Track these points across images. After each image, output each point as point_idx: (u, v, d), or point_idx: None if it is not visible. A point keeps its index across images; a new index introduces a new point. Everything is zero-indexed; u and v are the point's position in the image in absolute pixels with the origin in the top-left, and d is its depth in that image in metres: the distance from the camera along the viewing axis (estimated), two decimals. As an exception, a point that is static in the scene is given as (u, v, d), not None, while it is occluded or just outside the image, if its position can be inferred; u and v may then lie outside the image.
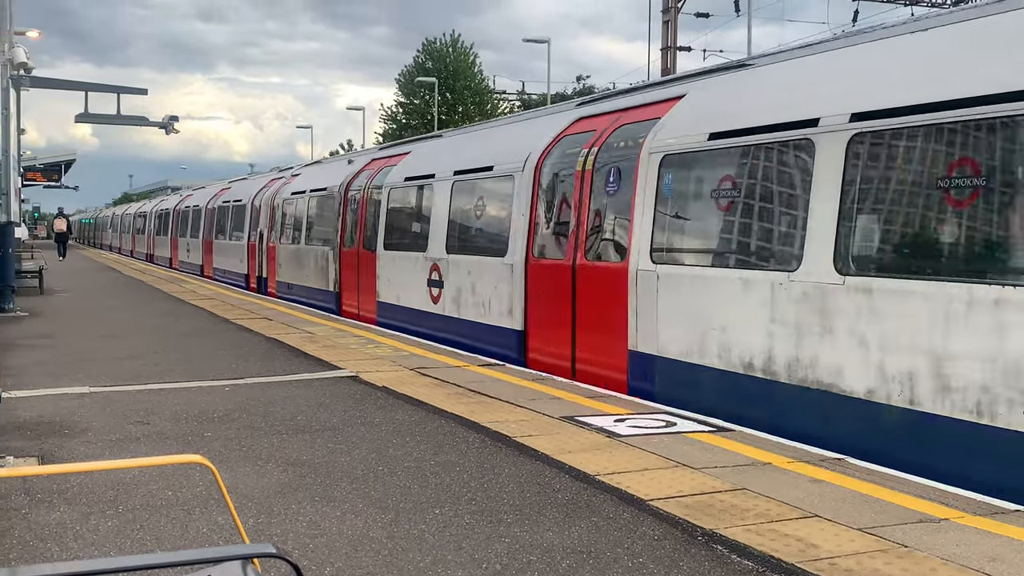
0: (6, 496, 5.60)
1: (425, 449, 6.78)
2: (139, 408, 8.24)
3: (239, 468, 6.24)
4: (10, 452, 6.58)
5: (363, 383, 9.50)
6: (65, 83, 26.28)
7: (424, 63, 63.97)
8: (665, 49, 37.14)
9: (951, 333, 6.09)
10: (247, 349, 12.15)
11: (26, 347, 12.37)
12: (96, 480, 5.84)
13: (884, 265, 6.78)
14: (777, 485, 5.75)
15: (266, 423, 7.67)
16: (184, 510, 5.32)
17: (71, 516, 5.23)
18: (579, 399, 8.64)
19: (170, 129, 29.38)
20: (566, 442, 6.89)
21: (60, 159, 52.85)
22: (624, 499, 5.50)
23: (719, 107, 8.87)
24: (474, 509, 5.38)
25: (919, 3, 38.68)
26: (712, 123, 8.57)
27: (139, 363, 10.94)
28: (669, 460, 6.36)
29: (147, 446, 6.86)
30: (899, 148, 6.70)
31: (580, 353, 10.20)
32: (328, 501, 5.53)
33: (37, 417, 7.84)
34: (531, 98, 61.60)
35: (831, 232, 7.00)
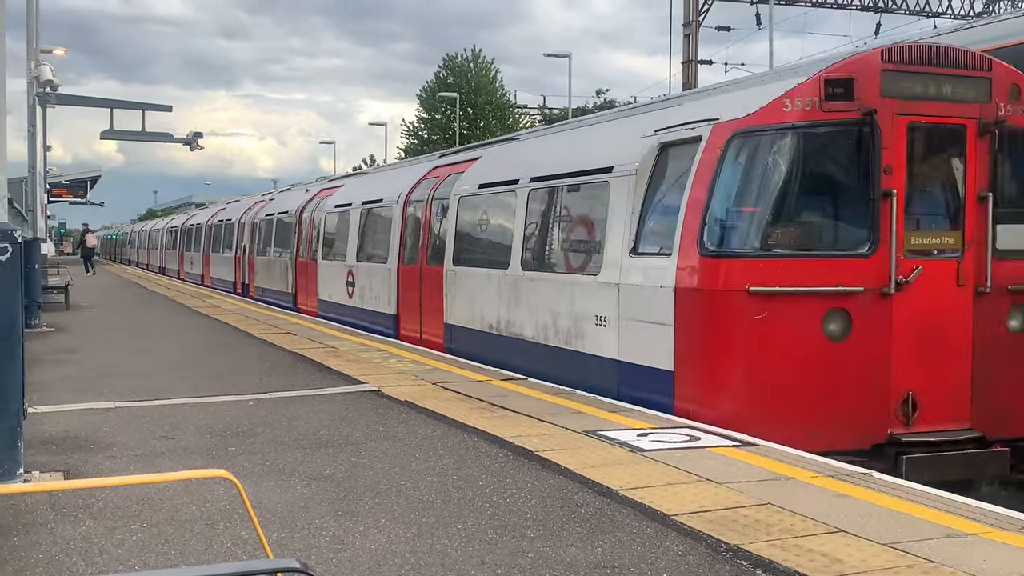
0: (32, 511, 5.64)
1: (448, 463, 6.78)
2: (164, 423, 8.29)
3: (263, 482, 6.26)
4: (36, 467, 6.62)
5: (386, 397, 9.51)
6: (91, 100, 26.57)
7: (446, 78, 64.21)
8: (686, 63, 37.13)
9: (559, 300, 10.57)
10: (271, 364, 12.20)
11: (52, 362, 12.47)
12: (121, 495, 5.88)
13: (537, 266, 11.45)
14: (801, 500, 5.71)
15: (290, 437, 7.70)
16: (208, 524, 5.34)
17: (96, 530, 5.26)
18: (601, 413, 8.62)
19: (194, 145, 29.62)
20: (589, 456, 6.88)
21: (86, 175, 53.34)
22: (647, 514, 5.48)
23: (487, 168, 13.44)
24: (497, 524, 5.37)
25: (941, 15, 38.56)
26: (481, 178, 13.24)
27: (164, 378, 11.01)
28: (692, 475, 6.34)
29: (171, 461, 6.90)
30: (548, 196, 11.46)
31: (425, 328, 14.42)
32: (351, 515, 5.54)
33: (63, 432, 7.89)
34: (552, 112, 61.70)
35: (520, 248, 11.71)
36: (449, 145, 50.48)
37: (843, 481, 6.18)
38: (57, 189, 49.38)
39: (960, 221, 8.31)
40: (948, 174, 8.48)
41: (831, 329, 7.91)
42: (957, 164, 8.38)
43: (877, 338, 7.99)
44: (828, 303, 7.91)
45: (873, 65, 8.09)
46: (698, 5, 36.86)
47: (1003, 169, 8.46)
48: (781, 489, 5.97)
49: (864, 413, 7.95)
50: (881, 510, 5.50)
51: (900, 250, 8.05)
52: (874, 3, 38.57)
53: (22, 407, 6.35)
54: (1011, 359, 8.29)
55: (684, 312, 8.38)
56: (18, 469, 6.16)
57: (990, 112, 8.31)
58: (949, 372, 8.20)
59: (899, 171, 8.05)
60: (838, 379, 7.91)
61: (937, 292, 8.16)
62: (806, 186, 8.39)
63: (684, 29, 37.30)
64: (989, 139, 8.29)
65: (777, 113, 8.03)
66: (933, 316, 8.16)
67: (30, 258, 17.29)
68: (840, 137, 8.18)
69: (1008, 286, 8.30)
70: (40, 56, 24.54)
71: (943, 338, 8.18)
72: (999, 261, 8.29)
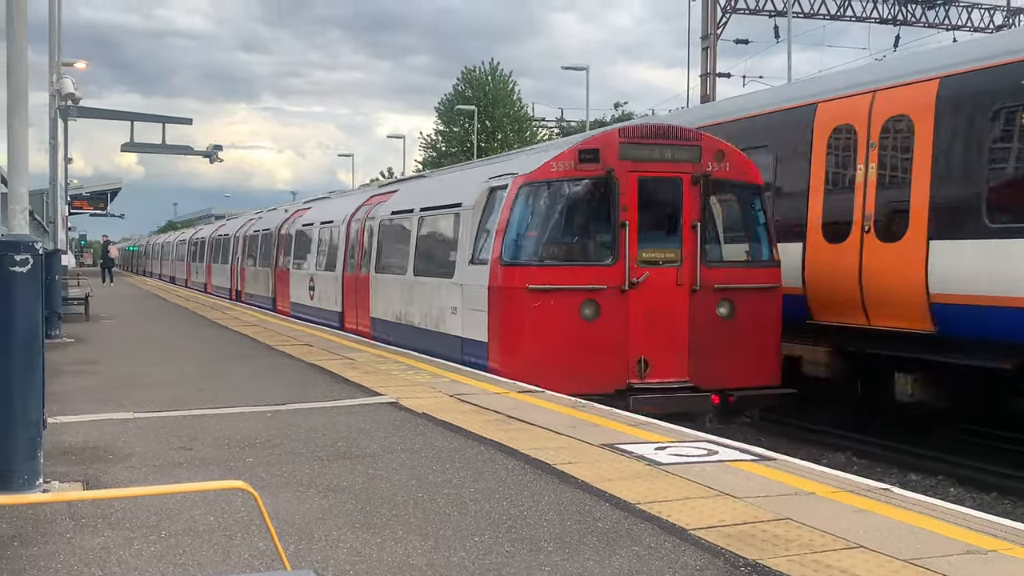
0: (52, 520, 5.66)
1: (465, 476, 6.78)
2: (182, 434, 8.31)
3: (280, 494, 6.27)
4: (56, 477, 6.65)
5: (403, 409, 9.52)
6: (112, 113, 26.77)
7: (464, 91, 64.41)
8: (704, 76, 37.14)
9: (432, 297, 13.91)
10: (289, 375, 12.23)
11: (72, 373, 12.54)
12: (139, 505, 5.90)
13: (422, 272, 14.90)
14: (821, 515, 5.68)
15: (307, 449, 7.71)
16: (226, 535, 5.35)
17: (114, 541, 5.27)
18: (619, 426, 8.60)
19: (214, 158, 29.79)
20: (606, 470, 6.86)
21: (106, 187, 53.74)
22: (665, 528, 5.46)
23: (399, 199, 17.43)
24: (514, 537, 5.36)
25: (960, 28, 38.44)
26: (393, 207, 17.23)
27: (182, 389, 11.05)
28: (711, 489, 6.31)
29: (190, 472, 6.92)
30: (429, 221, 15.08)
31: (359, 320, 18.09)
32: (368, 527, 5.54)
33: (82, 442, 7.93)
34: (570, 125, 61.75)
35: (412, 259, 15.34)
36: (467, 157, 50.53)
37: (863, 496, 6.14)
38: (78, 201, 49.79)
39: (678, 242, 11.85)
40: (671, 210, 12.03)
41: (586, 313, 11.54)
42: (677, 203, 11.91)
43: (618, 320, 11.57)
44: (583, 296, 11.53)
45: (613, 139, 11.87)
46: (716, 18, 36.89)
47: (709, 211, 12.16)
48: (800, 504, 5.94)
49: (611, 369, 11.49)
50: (901, 525, 5.46)
51: (634, 261, 11.58)
52: (893, 16, 38.51)
53: (42, 417, 6.39)
54: (719, 335, 11.83)
55: (493, 302, 11.95)
56: (38, 479, 6.19)
57: (700, 168, 11.89)
58: (671, 343, 11.73)
59: (632, 209, 11.65)
60: (592, 346, 11.43)
61: (661, 289, 11.72)
62: (568, 219, 12.37)
63: (702, 42, 37.33)
64: (700, 186, 11.84)
65: (548, 171, 11.85)
66: (658, 305, 11.69)
67: (51, 269, 17.42)
68: (591, 187, 11.97)
69: (715, 285, 11.86)
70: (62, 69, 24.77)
71: (667, 320, 11.72)
72: (709, 269, 11.87)
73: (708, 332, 11.79)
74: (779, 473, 6.79)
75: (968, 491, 10.65)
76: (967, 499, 10.20)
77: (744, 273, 12.19)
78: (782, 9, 36.40)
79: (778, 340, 12.28)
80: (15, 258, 6.06)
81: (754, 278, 12.16)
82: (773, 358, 12.25)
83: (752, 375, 12.01)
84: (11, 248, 6.09)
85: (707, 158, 11.97)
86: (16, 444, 6.07)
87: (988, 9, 39.15)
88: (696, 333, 11.77)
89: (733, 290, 12.00)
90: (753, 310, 12.05)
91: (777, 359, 12.35)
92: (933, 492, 10.28)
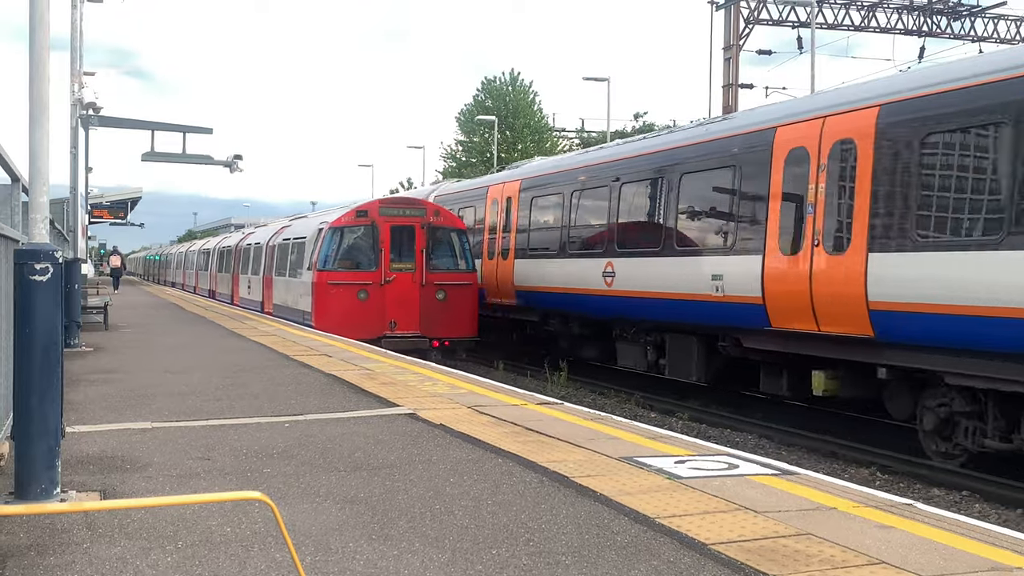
0: (69, 530, 5.69)
1: (482, 488, 6.77)
2: (200, 444, 8.35)
3: (297, 505, 6.28)
4: (73, 486, 6.68)
5: (421, 421, 9.53)
6: (132, 122, 26.89)
7: (484, 101, 64.52)
8: (727, 86, 37.08)
9: (295, 289, 24.15)
10: (307, 385, 12.26)
11: (90, 382, 12.61)
12: (156, 515, 5.92)
13: (298, 275, 23.31)
14: (843, 530, 5.64)
15: (324, 460, 7.72)
16: (243, 546, 5.37)
17: (131, 551, 5.29)
18: (638, 439, 8.58)
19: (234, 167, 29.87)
20: (625, 483, 6.84)
21: (126, 196, 53.88)
22: (685, 543, 5.43)
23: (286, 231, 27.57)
24: (532, 550, 5.35)
25: (986, 40, 38.23)
26: (293, 233, 25.82)
27: (200, 399, 11.09)
28: (731, 503, 6.28)
29: (207, 482, 6.94)
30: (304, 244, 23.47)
31: (265, 307, 28.40)
32: (385, 539, 5.54)
33: (99, 452, 7.97)
34: (590, 136, 61.74)
35: (288, 266, 24.71)
36: (487, 168, 50.58)
37: (886, 512, 6.10)
38: (98, 210, 49.99)
39: (413, 259, 20.92)
40: (409, 242, 21.00)
41: (361, 296, 20.53)
42: (412, 239, 21.06)
43: (379, 300, 20.53)
44: (359, 287, 20.64)
45: (376, 205, 21.56)
46: (738, 29, 36.84)
47: (432, 242, 21.19)
48: (822, 519, 5.91)
49: (375, 327, 20.30)
50: (925, 541, 5.42)
51: (388, 269, 20.68)
52: (918, 28, 38.33)
53: (60, 426, 6.43)
54: (437, 309, 20.78)
55: (313, 291, 21.42)
56: (55, 488, 6.22)
57: (425, 220, 21.19)
58: (409, 313, 20.71)
59: (386, 242, 20.80)
60: (364, 314, 20.36)
61: (404, 284, 20.72)
62: (352, 248, 21.28)
63: (724, 53, 37.28)
64: (425, 230, 21.10)
65: (341, 221, 21.35)
66: (402, 293, 20.65)
67: (70, 278, 17.57)
68: (364, 230, 21.11)
69: (435, 282, 20.86)
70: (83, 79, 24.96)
71: (407, 301, 20.64)
72: (431, 273, 20.90)
73: (431, 307, 20.94)
74: (801, 487, 6.75)
75: (993, 507, 10.55)
76: (992, 515, 10.11)
77: (452, 275, 21.37)
78: (805, 20, 36.31)
79: (474, 312, 21.53)
80: (35, 267, 6.10)
81: (458, 278, 21.41)
82: (471, 322, 21.44)
83: (458, 331, 21.15)
84: (31, 257, 6.13)
85: (429, 215, 21.50)
86: (34, 453, 6.10)
87: (1015, 20, 38.93)
88: (424, 308, 20.89)
89: (446, 285, 21.18)
90: (458, 296, 21.25)
91: (474, 322, 21.47)
92: (958, 508, 10.21)
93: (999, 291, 10.25)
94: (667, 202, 16.52)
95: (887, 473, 12.09)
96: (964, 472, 11.58)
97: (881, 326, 11.92)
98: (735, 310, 14.48)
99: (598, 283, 18.24)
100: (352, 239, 21.53)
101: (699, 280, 15.17)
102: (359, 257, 21.40)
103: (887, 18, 38.08)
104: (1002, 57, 11.89)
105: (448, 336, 20.98)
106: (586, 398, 17.71)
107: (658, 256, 16.52)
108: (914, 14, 38.13)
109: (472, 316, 21.45)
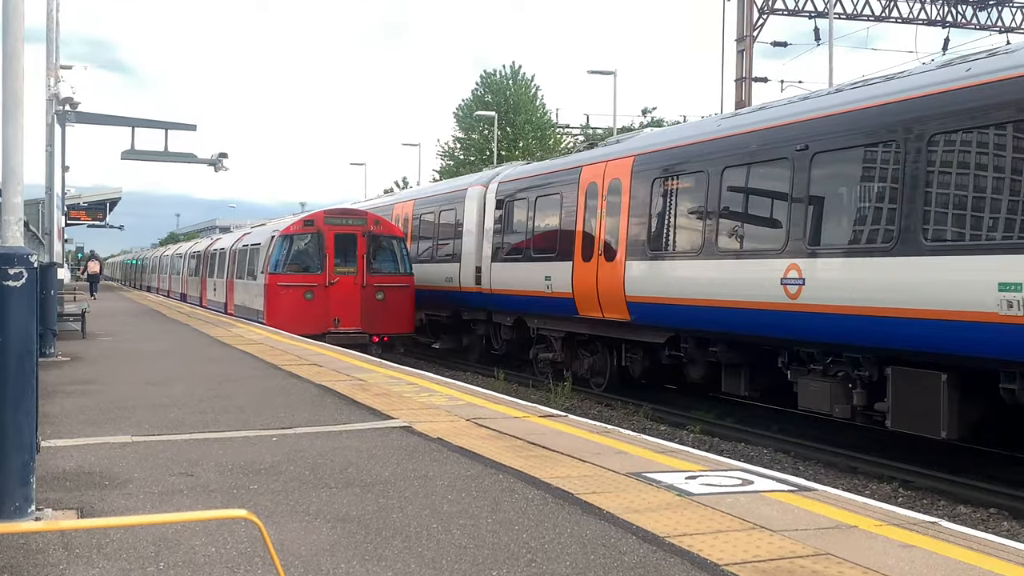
0: (44, 550, 5.68)
1: (482, 506, 6.76)
2: (183, 459, 8.34)
3: (286, 524, 6.27)
4: (49, 504, 6.68)
5: (416, 434, 9.52)
6: (111, 119, 26.89)
7: (483, 96, 64.45)
8: (740, 80, 37.10)
9: (250, 290, 28.43)
10: (296, 397, 12.26)
11: (67, 393, 12.61)
12: (137, 535, 5.91)
13: (254, 277, 27.69)
14: (863, 550, 5.63)
15: (315, 476, 7.72)
16: (228, 568, 5.36)
17: (110, 572, 5.29)
18: (647, 453, 8.57)
19: (219, 166, 29.88)
20: (633, 500, 6.83)
21: (105, 197, 53.80)
22: (696, 563, 5.43)
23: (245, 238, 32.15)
24: (534, 572, 5.34)
25: (1015, 31, 38.24)
26: (250, 240, 30.54)
27: (184, 411, 11.09)
28: (745, 521, 6.27)
29: (191, 499, 6.94)
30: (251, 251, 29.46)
31: (228, 307, 32.77)
32: (379, 560, 5.54)
33: (77, 467, 7.96)
34: (596, 132, 61.79)
35: (245, 270, 29.33)
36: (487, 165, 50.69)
37: (909, 530, 6.09)
38: (75, 212, 49.98)
39: (355, 263, 24.89)
40: (352, 249, 25.04)
41: (307, 296, 24.50)
42: (354, 246, 24.96)
43: (324, 300, 24.47)
44: (306, 288, 24.67)
45: (321, 216, 26.00)
46: (752, 19, 36.86)
47: (372, 248, 25.27)
48: (842, 538, 5.90)
49: (320, 323, 24.17)
50: (951, 562, 5.41)
51: (332, 272, 24.64)
52: (942, 18, 38.36)
53: (35, 440, 6.42)
54: (377, 308, 24.63)
55: (265, 292, 25.62)
56: (30, 506, 6.21)
57: (367, 229, 25.21)
58: (352, 311, 24.56)
59: (330, 249, 24.83)
60: (310, 312, 24.32)
61: (347, 286, 24.62)
62: (300, 253, 25.38)
63: (737, 44, 37.31)
64: (366, 238, 25.07)
65: (290, 230, 25.75)
66: (345, 294, 24.56)
67: (46, 284, 17.55)
68: (311, 238, 25.24)
69: (375, 284, 24.80)
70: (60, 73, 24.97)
71: (350, 301, 24.50)
72: (371, 276, 24.87)
73: (371, 307, 24.71)
74: (819, 504, 6.75)
75: (1023, 525, 10.54)
76: (1022, 533, 10.10)
77: (390, 278, 25.22)
78: (823, 10, 36.35)
79: (411, 311, 25.56)
80: (8, 272, 6.09)
81: (396, 281, 25.28)
82: (408, 319, 25.51)
83: (396, 328, 25.08)
84: (4, 261, 6.12)
85: (370, 224, 25.38)
86: (7, 469, 6.09)
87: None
88: (364, 307, 24.68)
89: (384, 286, 25.00)
90: (396, 296, 25.06)
91: (411, 320, 25.65)
92: (985, 526, 10.19)
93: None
94: (910, 175, 12.13)
95: (910, 489, 12.08)
96: (992, 488, 11.57)
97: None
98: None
99: (773, 293, 14.05)
100: (300, 245, 25.42)
101: (972, 291, 11.04)
102: (306, 261, 25.23)
103: (909, 8, 38.13)
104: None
105: (386, 332, 24.92)
106: (592, 410, 17.68)
107: (890, 255, 12.28)
108: (938, 3, 38.18)
109: (409, 314, 25.60)
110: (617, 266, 18.12)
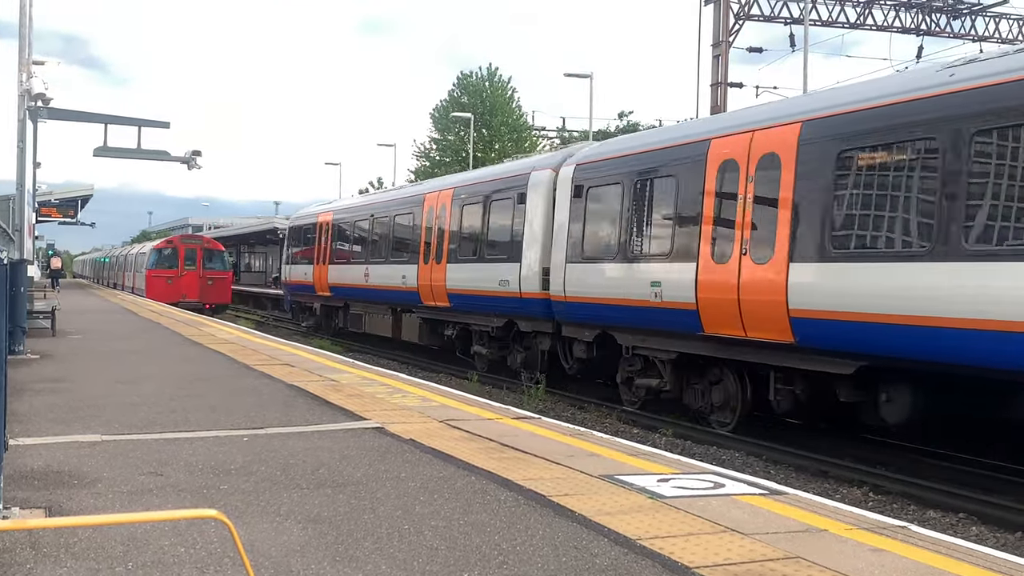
0: (11, 550, 5.63)
1: (454, 507, 6.76)
2: (153, 458, 8.29)
3: (257, 524, 6.25)
4: (16, 503, 6.62)
5: (389, 435, 9.51)
6: (84, 115, 26.71)
7: (459, 97, 64.47)
8: (715, 85, 37.25)
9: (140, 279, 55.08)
10: (268, 397, 12.21)
11: (35, 391, 12.50)
12: (105, 534, 5.87)
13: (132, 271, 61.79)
14: (834, 554, 5.67)
15: (286, 476, 7.69)
16: (198, 568, 5.33)
17: (78, 572, 5.25)
18: (620, 456, 8.59)
19: (192, 164, 29.73)
20: (606, 503, 6.85)
21: (76, 194, 53.46)
22: (667, 566, 5.44)
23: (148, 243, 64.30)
24: (506, 574, 5.35)
25: (987, 39, 38.60)
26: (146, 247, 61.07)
27: (154, 410, 11.02)
28: (716, 524, 6.30)
29: (160, 499, 6.90)
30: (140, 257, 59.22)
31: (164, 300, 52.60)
32: (350, 561, 5.52)
33: (45, 466, 7.90)
34: (572, 135, 61.84)
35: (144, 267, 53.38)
36: (463, 167, 50.55)
37: (879, 534, 6.13)
38: (46, 208, 49.65)
39: (195, 264, 49.85)
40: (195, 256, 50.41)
41: (168, 281, 48.99)
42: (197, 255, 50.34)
43: (178, 283, 48.88)
44: (168, 276, 49.57)
45: (178, 238, 57.12)
46: (728, 24, 37.03)
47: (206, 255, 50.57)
48: (812, 541, 5.93)
49: (176, 297, 47.08)
50: (919, 566, 5.45)
51: (183, 268, 49.63)
52: (916, 26, 38.67)
53: (3, 439, 6.36)
54: (208, 287, 48.99)
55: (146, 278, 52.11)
56: (-3, 505, 6.17)
57: (203, 245, 51.56)
58: (192, 289, 48.51)
59: (181, 257, 50.64)
60: (171, 290, 48.07)
61: (191, 276, 49.12)
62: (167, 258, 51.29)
63: (713, 50, 37.45)
64: (203, 250, 50.72)
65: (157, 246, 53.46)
66: (189, 280, 48.82)
67: (15, 281, 17.40)
68: (170, 250, 51.67)
69: (207, 275, 49.66)
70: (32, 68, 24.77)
71: (192, 284, 49.11)
72: (205, 271, 49.86)
73: (204, 288, 48.26)
74: (790, 508, 6.78)
75: (992, 530, 10.62)
76: (990, 538, 10.17)
77: (216, 272, 49.45)
78: (798, 16, 36.56)
79: (228, 289, 50.99)
80: (-22, 268, 6.06)
81: (219, 274, 49.55)
82: (226, 294, 50.29)
83: (219, 299, 48.81)
84: (-26, 257, 6.11)
85: (205, 242, 51.92)
86: (-25, 467, 6.05)
87: (1017, 20, 39.35)
88: (201, 288, 48.10)
89: (212, 276, 48.93)
90: (219, 282, 49.36)
91: (228, 294, 50.69)
92: (954, 530, 10.26)
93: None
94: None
95: (880, 493, 12.14)
96: (961, 494, 11.65)
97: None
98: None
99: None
100: (165, 253, 49.91)
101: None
102: (169, 262, 49.14)
103: (884, 15, 38.42)
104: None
105: (213, 302, 47.64)
106: (565, 412, 17.68)
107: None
108: (912, 12, 38.47)
109: (227, 292, 50.35)
110: (774, 269, 13.19)
